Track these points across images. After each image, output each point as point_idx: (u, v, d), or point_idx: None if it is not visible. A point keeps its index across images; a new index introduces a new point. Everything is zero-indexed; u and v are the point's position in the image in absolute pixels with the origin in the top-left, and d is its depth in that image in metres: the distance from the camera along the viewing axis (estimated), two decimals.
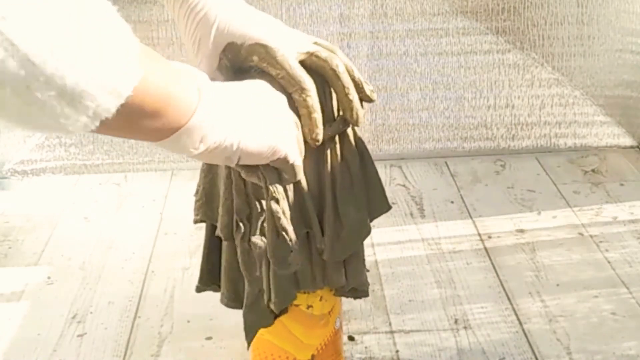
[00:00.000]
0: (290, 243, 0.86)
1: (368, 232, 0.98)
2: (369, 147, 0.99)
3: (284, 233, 0.85)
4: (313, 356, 1.02)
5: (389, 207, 1.01)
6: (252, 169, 0.81)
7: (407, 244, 1.46)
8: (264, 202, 0.87)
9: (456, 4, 1.75)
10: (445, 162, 1.79)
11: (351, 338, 1.19)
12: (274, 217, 0.84)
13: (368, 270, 1.04)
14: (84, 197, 1.68)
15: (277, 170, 0.81)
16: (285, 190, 0.84)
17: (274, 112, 0.78)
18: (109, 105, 0.54)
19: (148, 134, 0.63)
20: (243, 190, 0.91)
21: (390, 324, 1.23)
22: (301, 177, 0.83)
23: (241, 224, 0.92)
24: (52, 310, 1.29)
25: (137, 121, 0.59)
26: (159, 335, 1.22)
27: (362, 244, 0.99)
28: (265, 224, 0.86)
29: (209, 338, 1.21)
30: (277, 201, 0.83)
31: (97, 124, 0.54)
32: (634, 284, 1.31)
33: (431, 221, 1.54)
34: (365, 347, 1.18)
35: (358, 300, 1.20)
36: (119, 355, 1.18)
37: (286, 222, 0.84)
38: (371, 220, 0.99)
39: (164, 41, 1.65)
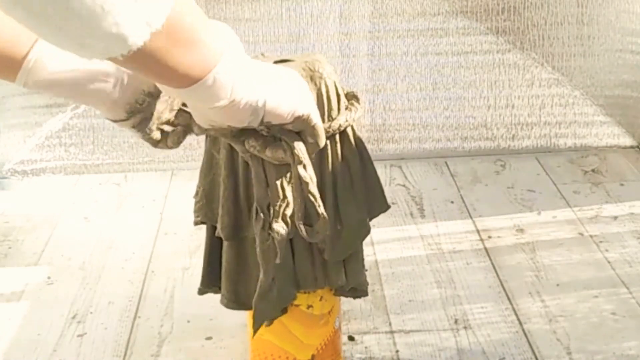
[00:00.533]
0: (319, 209, 0.85)
1: (368, 232, 0.98)
2: (369, 147, 0.99)
3: (312, 199, 0.84)
4: (313, 356, 1.02)
5: (388, 207, 1.01)
6: (275, 144, 0.82)
7: (407, 244, 1.46)
8: (286, 187, 0.87)
9: (456, 4, 1.75)
10: (445, 162, 1.79)
11: (351, 338, 1.19)
12: (302, 183, 0.83)
13: (366, 270, 1.04)
14: (84, 197, 1.68)
15: (299, 134, 0.82)
16: (310, 157, 0.84)
17: (292, 78, 0.80)
18: (158, 17, 0.57)
19: (182, 73, 0.65)
20: (263, 178, 0.91)
21: (390, 324, 1.23)
22: (323, 142, 0.83)
23: (261, 214, 0.92)
24: (52, 310, 1.29)
25: (174, 47, 0.61)
26: (159, 335, 1.22)
27: (361, 244, 0.99)
28: (286, 211, 0.86)
29: (209, 338, 1.21)
30: (305, 167, 0.82)
31: (148, 36, 0.57)
32: (634, 284, 1.31)
33: (431, 221, 1.54)
34: (365, 347, 1.18)
35: (358, 300, 1.20)
36: (119, 355, 1.18)
37: (314, 188, 0.84)
38: (370, 220, 0.99)
39: None
